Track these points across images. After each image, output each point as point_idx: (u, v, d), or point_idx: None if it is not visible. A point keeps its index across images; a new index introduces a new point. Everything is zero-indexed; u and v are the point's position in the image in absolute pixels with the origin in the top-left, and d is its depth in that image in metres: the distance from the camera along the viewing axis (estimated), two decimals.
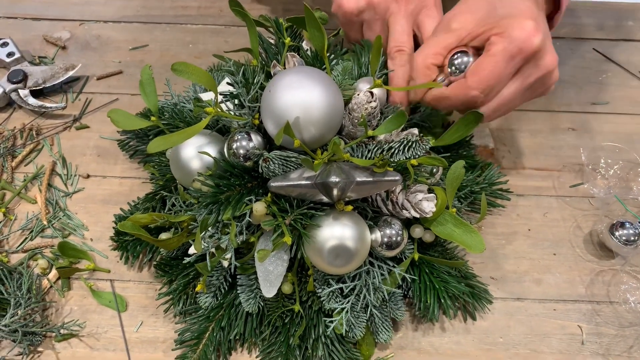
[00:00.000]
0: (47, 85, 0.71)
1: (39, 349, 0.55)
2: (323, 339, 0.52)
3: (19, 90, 0.70)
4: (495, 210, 0.64)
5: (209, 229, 0.48)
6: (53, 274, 0.59)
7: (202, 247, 0.48)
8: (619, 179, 0.65)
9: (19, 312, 0.54)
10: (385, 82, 0.55)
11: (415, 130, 0.51)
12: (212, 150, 0.50)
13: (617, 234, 0.59)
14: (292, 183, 0.46)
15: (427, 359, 0.55)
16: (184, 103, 0.58)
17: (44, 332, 0.55)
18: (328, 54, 0.53)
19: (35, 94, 0.71)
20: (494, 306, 0.58)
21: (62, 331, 0.55)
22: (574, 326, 0.57)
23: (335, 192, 0.45)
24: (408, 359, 0.55)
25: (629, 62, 0.77)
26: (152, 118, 0.55)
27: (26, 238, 0.61)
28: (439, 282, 0.54)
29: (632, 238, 0.58)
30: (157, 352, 0.55)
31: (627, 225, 0.59)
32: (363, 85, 0.53)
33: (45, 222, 0.62)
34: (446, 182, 0.50)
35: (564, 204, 0.65)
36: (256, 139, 0.48)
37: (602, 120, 0.72)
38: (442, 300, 0.53)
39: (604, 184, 0.65)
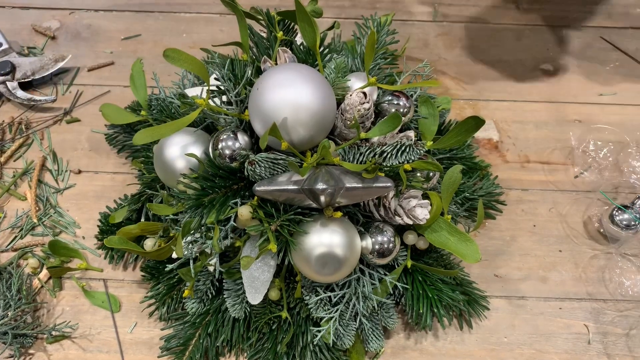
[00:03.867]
0: (37, 77, 0.68)
1: (30, 351, 0.53)
2: (311, 347, 0.50)
3: (7, 82, 0.67)
4: (499, 205, 0.62)
5: (193, 233, 0.46)
6: (44, 273, 0.57)
7: (184, 252, 0.46)
8: (609, 162, 0.64)
9: (9, 314, 0.53)
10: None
11: (411, 134, 0.49)
12: (198, 150, 0.48)
13: (617, 219, 0.58)
14: (278, 188, 0.43)
15: (430, 359, 0.54)
16: (172, 98, 0.55)
17: (35, 334, 0.53)
18: (322, 49, 0.51)
19: (24, 86, 0.69)
20: (498, 305, 0.57)
21: (53, 333, 0.53)
22: (580, 325, 0.56)
23: (323, 198, 0.43)
24: (410, 359, 0.54)
25: (637, 51, 0.74)
26: (142, 112, 0.53)
27: (16, 236, 0.59)
28: (432, 290, 0.52)
29: (633, 223, 0.57)
30: (151, 353, 0.53)
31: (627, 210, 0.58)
32: (356, 82, 0.50)
33: (35, 220, 0.60)
34: (442, 188, 0.48)
35: (570, 198, 0.63)
36: (243, 139, 0.46)
37: (609, 112, 0.70)
38: (435, 310, 0.52)
39: (594, 166, 0.64)
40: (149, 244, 0.52)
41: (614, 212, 0.58)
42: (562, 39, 0.76)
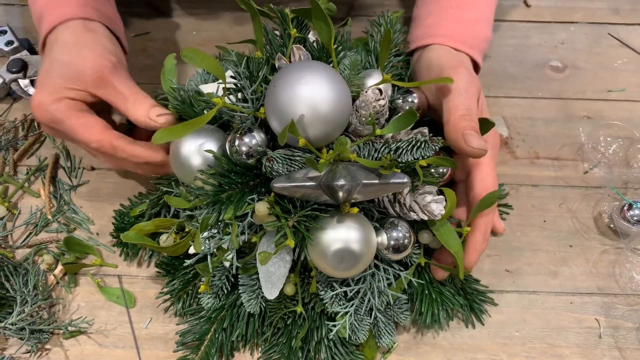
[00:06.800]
0: None
1: (47, 346, 0.54)
2: (326, 342, 0.51)
3: (19, 80, 0.68)
4: (510, 201, 0.62)
5: (210, 228, 0.47)
6: (59, 269, 0.57)
7: (202, 247, 0.47)
8: (619, 158, 0.65)
9: (26, 310, 0.53)
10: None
11: (425, 130, 0.49)
12: (214, 147, 0.49)
13: (627, 215, 0.58)
14: (295, 184, 0.44)
15: (443, 353, 0.54)
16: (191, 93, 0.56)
17: (51, 330, 0.54)
18: (335, 46, 0.51)
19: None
20: (509, 300, 0.57)
21: (69, 328, 0.54)
22: (591, 319, 0.56)
23: (340, 194, 0.44)
24: (423, 353, 0.54)
25: None
26: (168, 106, 0.54)
27: (31, 233, 0.60)
28: (436, 292, 0.52)
29: None
30: (167, 348, 0.54)
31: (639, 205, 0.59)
32: (370, 79, 0.51)
33: (50, 217, 0.60)
34: (476, 205, 0.49)
35: (580, 194, 0.63)
36: (259, 136, 0.47)
37: (618, 108, 0.70)
38: (436, 312, 0.52)
39: (604, 162, 0.64)
40: (164, 238, 0.53)
41: (625, 207, 0.59)
42: (570, 35, 0.76)
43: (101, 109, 0.55)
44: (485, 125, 0.48)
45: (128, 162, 0.53)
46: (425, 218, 0.47)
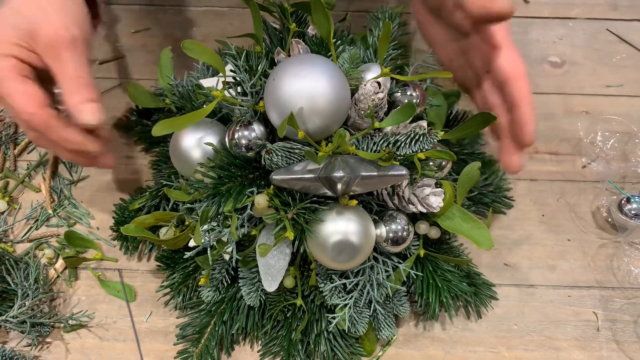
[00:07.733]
0: None
1: (48, 339, 0.54)
2: (325, 334, 0.51)
3: None
4: (508, 200, 0.63)
5: (210, 221, 0.47)
6: (60, 263, 0.58)
7: (202, 240, 0.47)
8: (617, 152, 0.65)
9: (27, 303, 0.53)
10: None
11: (424, 123, 0.49)
12: (213, 140, 0.49)
13: (625, 209, 0.59)
14: (295, 176, 0.44)
15: (441, 346, 0.55)
16: (190, 86, 0.56)
17: (52, 323, 0.54)
18: (334, 40, 0.52)
19: None
20: (507, 293, 0.57)
21: (70, 322, 0.54)
22: (589, 313, 0.56)
23: (339, 186, 0.44)
24: (422, 346, 0.55)
25: None
26: (167, 100, 0.54)
27: (31, 227, 0.60)
28: (442, 280, 0.53)
29: None
30: (167, 341, 0.54)
31: (637, 199, 0.59)
32: (368, 73, 0.51)
33: (50, 211, 0.61)
34: (458, 182, 0.49)
35: (578, 189, 0.64)
36: (258, 129, 0.47)
37: (616, 103, 0.70)
38: (444, 300, 0.52)
39: (602, 157, 0.65)
40: (164, 231, 0.53)
41: (622, 201, 0.59)
42: (568, 31, 0.77)
43: (46, 78, 0.50)
44: (486, 118, 0.48)
45: (58, 145, 0.49)
46: (424, 210, 0.47)
